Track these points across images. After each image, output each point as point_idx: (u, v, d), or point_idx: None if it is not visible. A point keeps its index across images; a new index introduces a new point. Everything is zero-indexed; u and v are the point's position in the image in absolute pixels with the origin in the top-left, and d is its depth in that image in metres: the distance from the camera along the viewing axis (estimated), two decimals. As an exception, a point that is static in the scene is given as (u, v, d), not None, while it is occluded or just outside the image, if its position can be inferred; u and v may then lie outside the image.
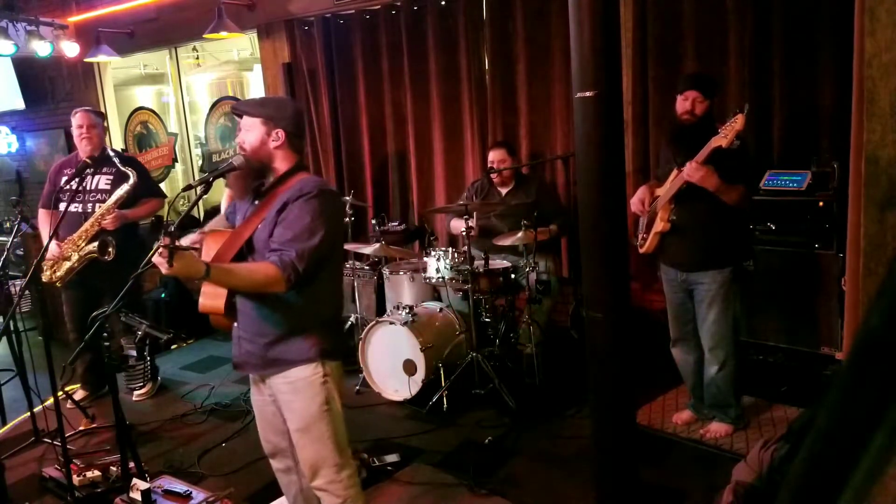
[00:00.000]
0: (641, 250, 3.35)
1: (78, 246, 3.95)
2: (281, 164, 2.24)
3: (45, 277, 4.06)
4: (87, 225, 3.96)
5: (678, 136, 3.22)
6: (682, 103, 3.13)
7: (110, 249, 3.85)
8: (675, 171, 3.15)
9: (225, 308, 2.16)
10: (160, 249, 1.90)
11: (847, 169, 3.13)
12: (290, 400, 2.26)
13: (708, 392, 3.34)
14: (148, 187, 4.23)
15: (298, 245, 2.09)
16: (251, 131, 2.22)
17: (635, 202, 3.35)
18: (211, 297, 2.16)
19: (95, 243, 3.86)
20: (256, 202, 2.25)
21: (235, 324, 2.28)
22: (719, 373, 3.23)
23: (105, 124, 4.28)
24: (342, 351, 2.43)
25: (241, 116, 2.28)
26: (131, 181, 3.99)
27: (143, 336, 2.59)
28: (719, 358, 3.21)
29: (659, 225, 3.19)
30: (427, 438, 3.57)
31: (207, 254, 2.20)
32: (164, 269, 1.93)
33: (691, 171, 2.96)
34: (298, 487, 2.49)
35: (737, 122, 2.81)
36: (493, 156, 4.33)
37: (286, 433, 2.40)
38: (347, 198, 4.68)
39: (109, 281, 3.98)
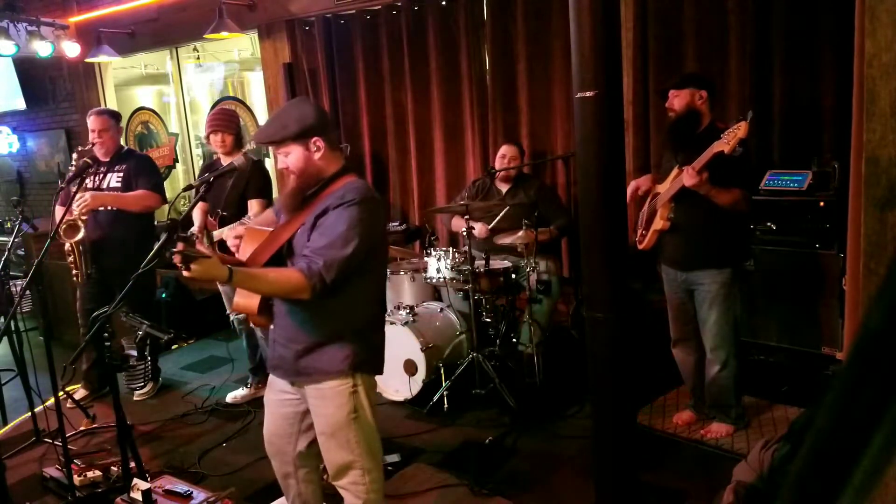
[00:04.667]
0: (640, 246, 3.36)
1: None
2: (328, 169, 2.19)
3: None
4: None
5: (668, 133, 3.31)
6: (667, 105, 3.23)
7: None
8: (675, 170, 3.16)
9: (259, 308, 2.17)
10: (175, 255, 1.87)
11: (848, 169, 3.14)
12: (318, 405, 2.24)
13: (709, 392, 3.34)
14: (147, 181, 4.19)
15: (329, 254, 2.04)
16: (291, 155, 2.15)
17: (631, 187, 3.40)
18: (245, 297, 2.16)
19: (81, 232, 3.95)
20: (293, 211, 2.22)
21: (272, 326, 2.28)
22: (721, 373, 3.23)
23: (119, 125, 4.31)
24: (376, 364, 2.31)
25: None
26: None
27: (144, 336, 2.58)
28: (721, 358, 3.21)
29: (658, 223, 3.21)
30: (427, 438, 3.57)
31: (244, 251, 2.20)
32: (185, 273, 1.92)
33: (687, 176, 2.98)
34: (296, 492, 2.49)
35: (739, 130, 2.79)
36: (506, 151, 4.33)
37: (292, 437, 2.39)
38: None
39: (121, 278, 4.00)
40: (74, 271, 4.08)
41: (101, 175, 4.15)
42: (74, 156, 4.05)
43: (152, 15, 6.21)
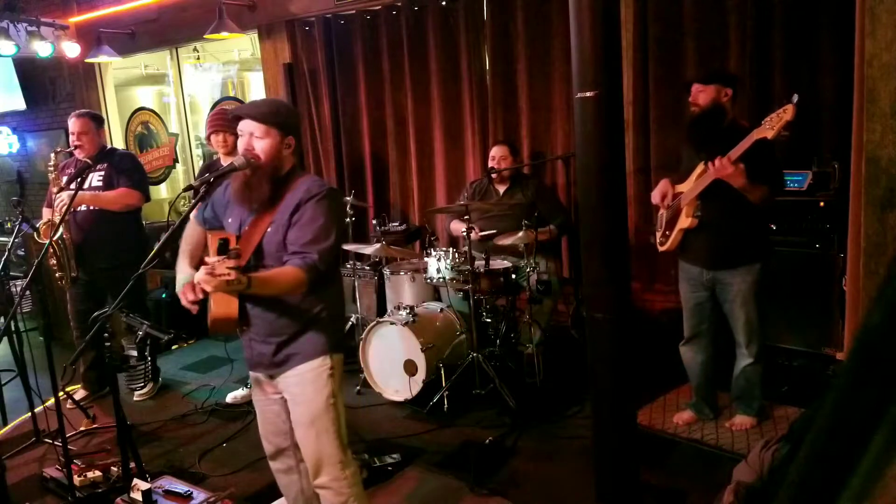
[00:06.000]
0: (662, 248, 3.30)
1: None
2: (286, 167, 2.27)
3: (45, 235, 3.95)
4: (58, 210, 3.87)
5: (690, 128, 3.20)
6: (691, 99, 3.13)
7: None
8: (700, 167, 3.07)
9: (239, 314, 2.19)
10: (231, 273, 1.83)
11: (848, 169, 3.13)
12: (298, 393, 2.29)
13: (736, 385, 3.33)
14: (128, 179, 4.15)
15: (319, 246, 2.14)
16: (265, 139, 2.19)
17: (656, 195, 3.32)
18: (224, 306, 2.15)
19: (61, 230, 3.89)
20: (255, 206, 2.23)
21: (245, 327, 2.28)
22: (752, 366, 3.22)
23: (101, 127, 4.25)
24: (345, 344, 2.48)
25: (237, 120, 2.25)
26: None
27: (144, 336, 2.58)
28: (753, 352, 3.19)
29: (685, 221, 3.12)
30: (427, 438, 3.57)
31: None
32: (209, 288, 1.93)
33: (721, 166, 2.86)
34: (299, 488, 2.50)
35: (786, 113, 2.67)
36: (496, 152, 4.34)
37: (288, 433, 2.40)
38: (348, 198, 4.68)
39: (111, 280, 4.02)
40: (59, 274, 4.06)
41: (85, 175, 4.12)
42: (53, 156, 4.05)
43: (152, 15, 6.21)
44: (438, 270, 4.01)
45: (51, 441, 3.68)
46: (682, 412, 3.52)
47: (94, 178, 4.15)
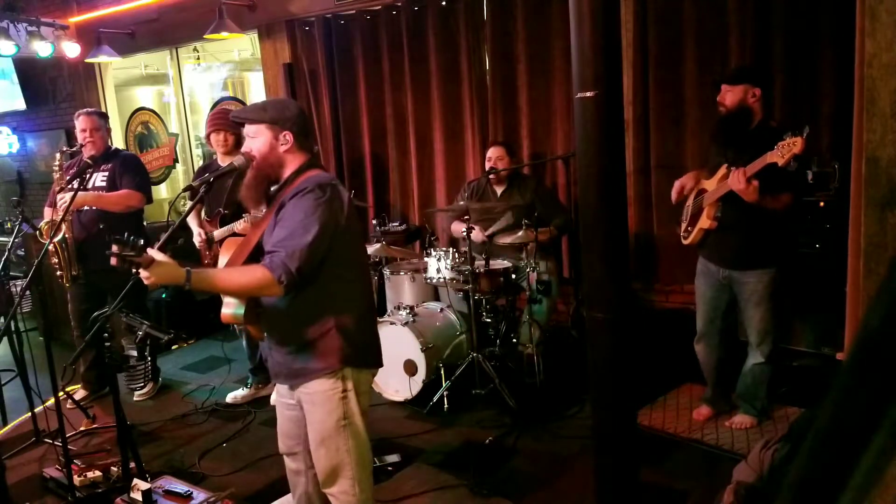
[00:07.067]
0: (686, 242, 3.34)
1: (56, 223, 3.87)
2: (291, 166, 2.20)
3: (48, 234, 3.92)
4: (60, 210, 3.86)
5: (717, 129, 3.22)
6: (719, 99, 3.14)
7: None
8: (723, 169, 3.09)
9: (246, 317, 2.13)
10: (113, 258, 1.84)
11: (848, 169, 3.14)
12: (310, 411, 2.25)
13: (742, 382, 3.35)
14: (130, 180, 4.15)
15: (290, 243, 2.02)
16: (257, 137, 2.17)
17: (676, 187, 3.35)
18: (231, 307, 2.13)
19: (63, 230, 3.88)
20: (259, 206, 2.24)
21: (265, 334, 2.27)
22: (761, 366, 3.24)
23: (107, 125, 4.29)
24: (370, 358, 2.34)
25: (242, 125, 2.25)
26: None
27: (144, 336, 2.59)
28: (765, 352, 3.22)
29: (706, 222, 3.16)
30: (427, 438, 3.57)
31: (222, 260, 2.21)
32: (145, 281, 1.93)
33: (735, 181, 2.91)
34: (304, 490, 2.49)
35: (795, 146, 2.71)
36: (492, 153, 4.34)
37: (301, 438, 2.38)
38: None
39: (111, 280, 4.02)
40: (59, 273, 4.07)
41: (88, 175, 4.13)
42: (58, 156, 4.04)
43: (152, 15, 6.21)
44: (438, 270, 4.01)
45: (51, 441, 3.67)
46: (700, 408, 3.54)
47: (98, 179, 4.16)
